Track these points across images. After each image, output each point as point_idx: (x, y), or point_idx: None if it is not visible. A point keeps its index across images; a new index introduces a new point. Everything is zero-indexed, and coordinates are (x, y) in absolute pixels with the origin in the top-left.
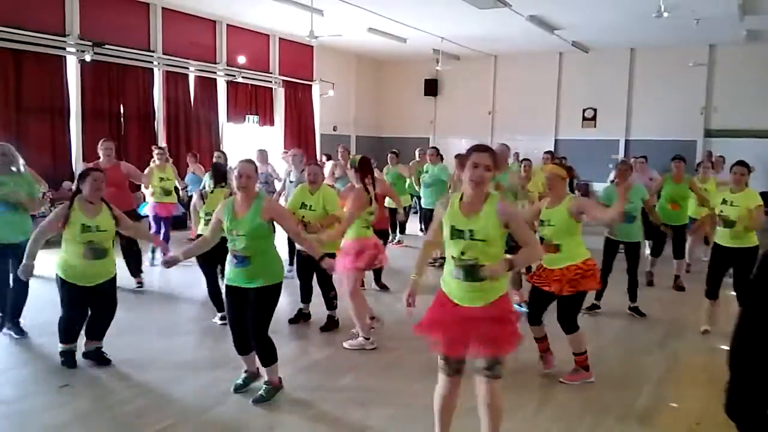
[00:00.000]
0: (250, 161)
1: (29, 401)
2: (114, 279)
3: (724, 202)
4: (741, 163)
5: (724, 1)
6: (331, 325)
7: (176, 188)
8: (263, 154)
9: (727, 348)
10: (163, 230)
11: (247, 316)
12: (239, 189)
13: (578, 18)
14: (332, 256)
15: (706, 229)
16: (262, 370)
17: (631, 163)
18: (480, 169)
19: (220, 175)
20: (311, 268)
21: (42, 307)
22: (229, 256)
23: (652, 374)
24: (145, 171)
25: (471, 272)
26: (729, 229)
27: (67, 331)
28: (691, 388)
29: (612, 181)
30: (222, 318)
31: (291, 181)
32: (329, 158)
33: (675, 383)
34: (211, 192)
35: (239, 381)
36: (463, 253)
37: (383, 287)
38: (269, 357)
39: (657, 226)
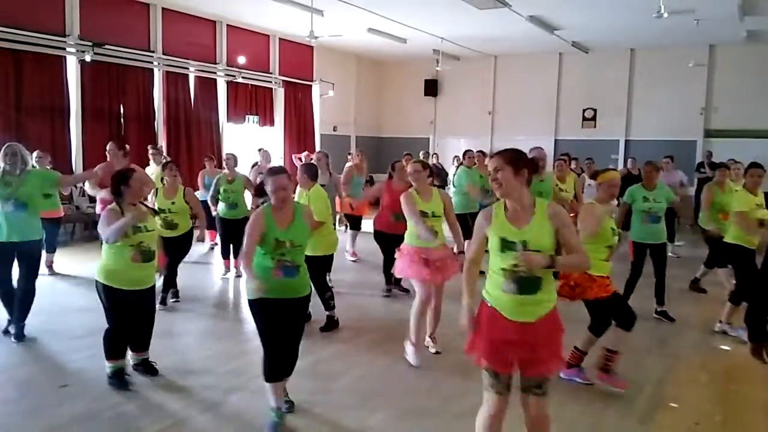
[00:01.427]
0: (280, 170)
1: (29, 401)
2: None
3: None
4: (755, 165)
5: (724, 1)
6: (331, 325)
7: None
8: (266, 155)
9: (727, 348)
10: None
11: (290, 329)
12: (280, 202)
13: (578, 18)
14: (330, 258)
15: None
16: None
17: (659, 163)
18: (493, 174)
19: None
20: (322, 271)
21: (42, 306)
22: (265, 270)
23: (651, 374)
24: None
25: (526, 284)
26: None
27: (118, 345)
28: (690, 387)
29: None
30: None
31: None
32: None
33: (675, 383)
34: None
35: (276, 419)
36: (516, 266)
37: (403, 290)
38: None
39: (714, 238)
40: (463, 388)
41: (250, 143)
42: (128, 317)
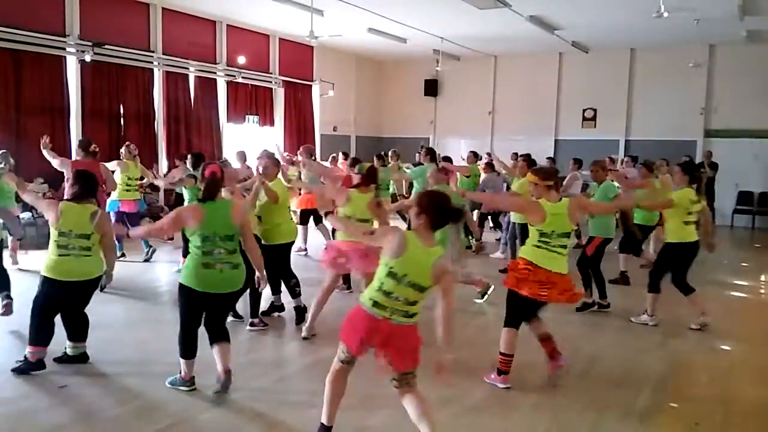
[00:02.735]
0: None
1: (28, 401)
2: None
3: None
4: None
5: (724, 1)
6: (301, 314)
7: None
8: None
9: (727, 348)
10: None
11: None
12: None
13: (578, 18)
14: (284, 246)
15: None
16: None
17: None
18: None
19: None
20: (275, 260)
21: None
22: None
23: (651, 374)
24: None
25: None
26: None
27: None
28: (690, 388)
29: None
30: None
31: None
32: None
33: (674, 383)
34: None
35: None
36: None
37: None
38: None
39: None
40: (464, 387)
41: (251, 143)
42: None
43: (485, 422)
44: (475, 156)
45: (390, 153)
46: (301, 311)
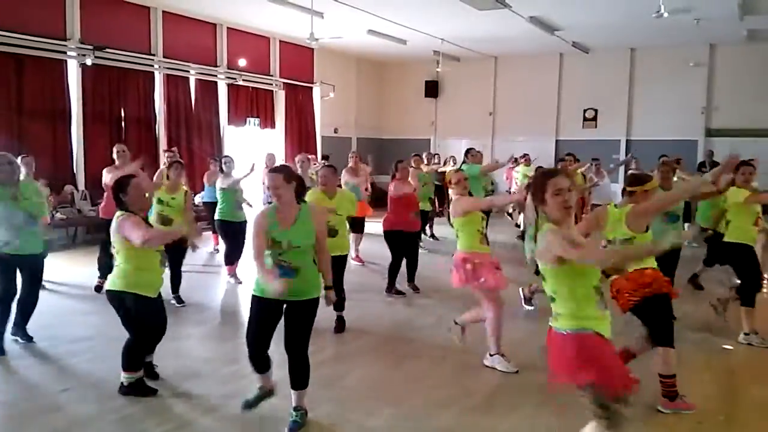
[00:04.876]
0: (277, 170)
1: (32, 404)
2: None
3: None
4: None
5: (724, 1)
6: (341, 324)
7: None
8: (272, 158)
9: (730, 347)
10: None
11: (288, 332)
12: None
13: (578, 19)
14: (344, 258)
15: None
16: (290, 393)
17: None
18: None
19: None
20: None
21: (42, 310)
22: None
23: (654, 374)
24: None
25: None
26: None
27: (141, 355)
28: (693, 387)
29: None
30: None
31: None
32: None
33: (677, 382)
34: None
35: (251, 398)
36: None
37: (415, 288)
38: (306, 378)
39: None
40: (466, 389)
41: (252, 146)
42: (153, 324)
43: (487, 422)
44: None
45: (424, 155)
46: (342, 322)
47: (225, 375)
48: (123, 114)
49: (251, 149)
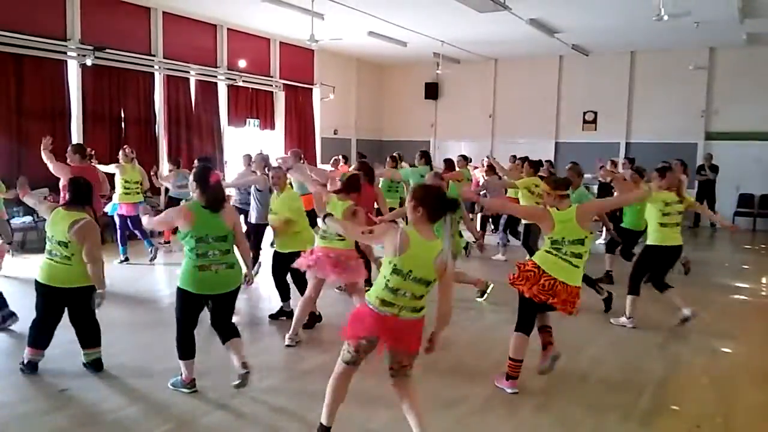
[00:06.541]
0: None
1: (29, 405)
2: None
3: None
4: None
5: (724, 4)
6: (312, 321)
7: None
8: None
9: (728, 350)
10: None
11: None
12: None
13: (578, 21)
14: (298, 254)
15: None
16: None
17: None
18: None
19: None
20: (285, 268)
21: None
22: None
23: (652, 377)
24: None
25: None
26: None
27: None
28: (691, 390)
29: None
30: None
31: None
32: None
33: (675, 386)
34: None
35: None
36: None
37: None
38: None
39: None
40: (464, 390)
41: (251, 147)
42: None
43: (488, 425)
44: (465, 160)
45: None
46: (313, 317)
47: (224, 374)
48: (123, 115)
49: (251, 150)
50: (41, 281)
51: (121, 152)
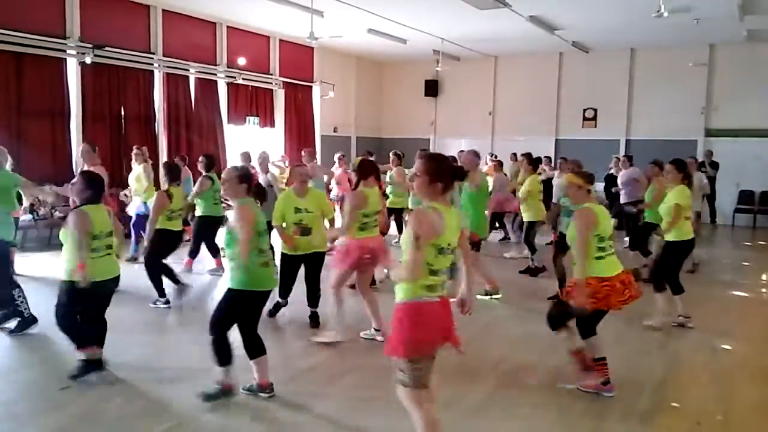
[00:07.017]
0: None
1: (30, 403)
2: None
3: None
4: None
5: (724, 0)
6: (316, 320)
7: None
8: (247, 157)
9: (728, 347)
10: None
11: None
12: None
13: (578, 18)
14: (322, 255)
15: None
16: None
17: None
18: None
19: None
20: (297, 265)
21: (41, 309)
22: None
23: (652, 374)
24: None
25: None
26: None
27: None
28: (691, 388)
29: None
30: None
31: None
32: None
33: (676, 383)
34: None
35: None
36: None
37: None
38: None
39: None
40: (463, 390)
41: (251, 144)
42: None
43: (487, 423)
44: (477, 157)
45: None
46: (316, 318)
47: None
48: (123, 113)
49: (251, 148)
50: (97, 279)
51: (136, 151)
